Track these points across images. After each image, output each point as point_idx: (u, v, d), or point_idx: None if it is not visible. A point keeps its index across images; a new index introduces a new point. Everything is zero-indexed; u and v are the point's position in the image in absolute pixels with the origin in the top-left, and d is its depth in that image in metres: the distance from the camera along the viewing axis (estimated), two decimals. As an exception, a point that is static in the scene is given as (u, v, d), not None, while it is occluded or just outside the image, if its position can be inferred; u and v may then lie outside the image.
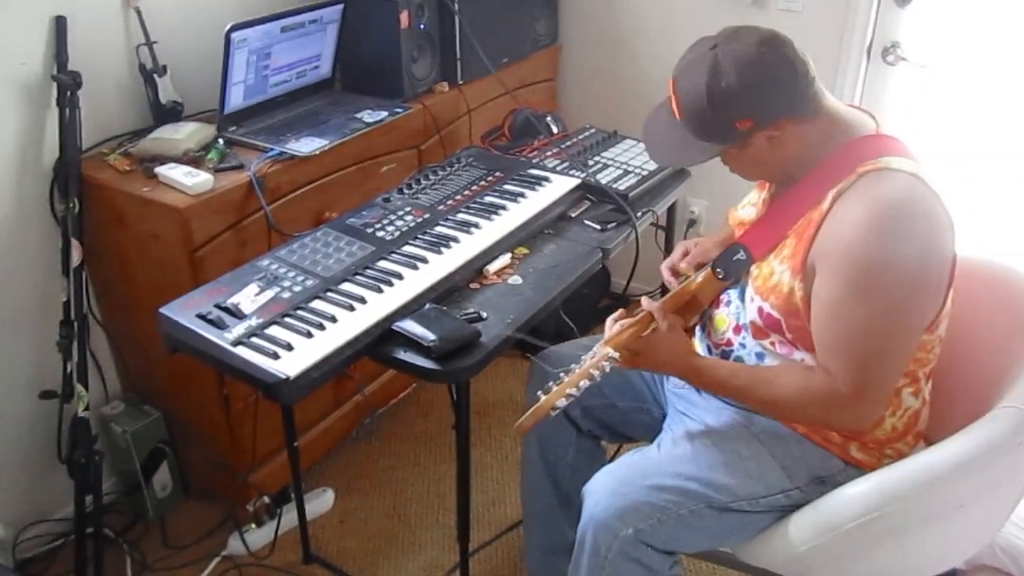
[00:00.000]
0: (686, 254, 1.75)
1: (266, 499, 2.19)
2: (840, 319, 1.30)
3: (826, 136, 1.36)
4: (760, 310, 1.41)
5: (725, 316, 1.52)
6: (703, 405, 1.55)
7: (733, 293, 1.52)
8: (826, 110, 1.36)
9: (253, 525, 2.18)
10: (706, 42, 1.36)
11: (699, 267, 1.70)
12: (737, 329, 1.50)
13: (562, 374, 1.42)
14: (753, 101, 1.31)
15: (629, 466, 1.50)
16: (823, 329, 1.33)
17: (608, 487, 1.46)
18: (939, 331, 1.39)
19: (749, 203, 1.62)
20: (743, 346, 1.49)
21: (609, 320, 1.50)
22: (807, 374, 1.36)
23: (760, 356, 1.47)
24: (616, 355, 1.41)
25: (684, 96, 1.37)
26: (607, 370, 1.41)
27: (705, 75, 1.31)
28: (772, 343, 1.44)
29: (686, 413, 1.57)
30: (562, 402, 1.40)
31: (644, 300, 1.48)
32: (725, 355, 1.52)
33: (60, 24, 1.88)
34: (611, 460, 1.92)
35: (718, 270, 1.49)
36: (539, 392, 1.43)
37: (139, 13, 2.02)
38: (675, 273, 1.73)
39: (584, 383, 1.39)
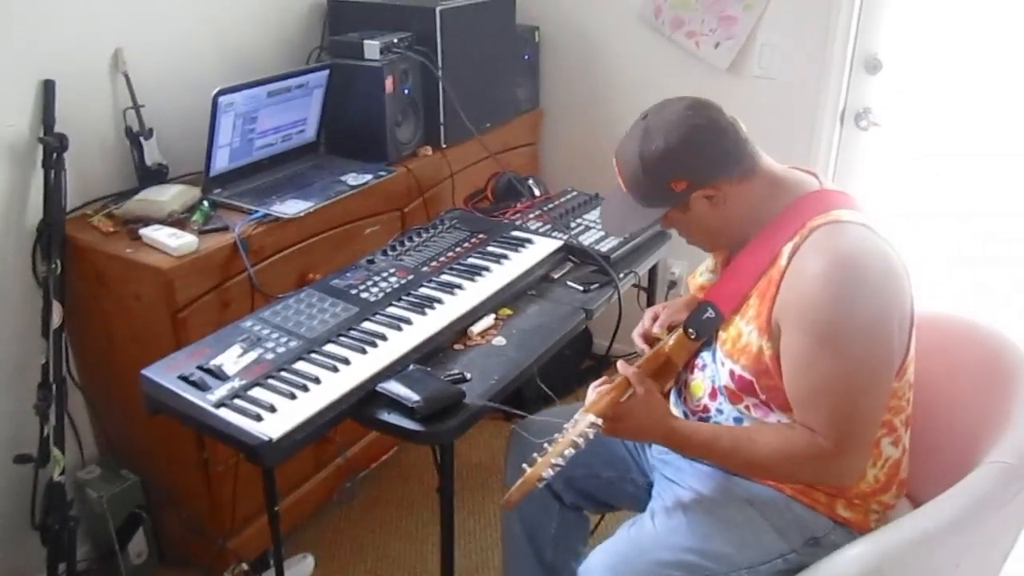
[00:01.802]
0: (656, 319, 1.73)
1: (244, 566, 2.14)
2: (812, 373, 1.31)
3: (768, 196, 1.40)
4: (732, 372, 1.41)
5: (700, 382, 1.51)
6: (689, 470, 1.54)
7: (707, 356, 1.51)
8: (764, 170, 1.40)
9: (230, 593, 2.13)
10: (640, 116, 1.44)
11: (671, 329, 1.69)
12: (713, 394, 1.49)
13: (546, 444, 1.38)
14: (682, 160, 1.36)
15: (626, 542, 1.47)
16: (796, 385, 1.33)
17: (607, 566, 1.43)
18: (907, 376, 1.41)
19: (707, 270, 1.63)
20: (720, 412, 1.48)
21: (591, 387, 1.50)
22: (788, 432, 1.36)
23: (738, 420, 1.46)
24: (599, 421, 1.38)
25: (623, 167, 1.44)
26: (591, 436, 1.37)
27: (637, 143, 1.39)
28: (747, 406, 1.43)
29: (673, 480, 1.56)
30: (548, 472, 1.34)
31: (620, 364, 1.47)
32: (703, 421, 1.51)
33: (48, 87, 1.90)
34: (594, 528, 1.89)
35: (690, 330, 1.49)
36: (523, 464, 1.39)
37: (127, 77, 2.05)
38: (647, 339, 1.71)
39: (569, 451, 1.35)
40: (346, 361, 1.52)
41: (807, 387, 1.32)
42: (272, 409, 1.38)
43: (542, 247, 1.99)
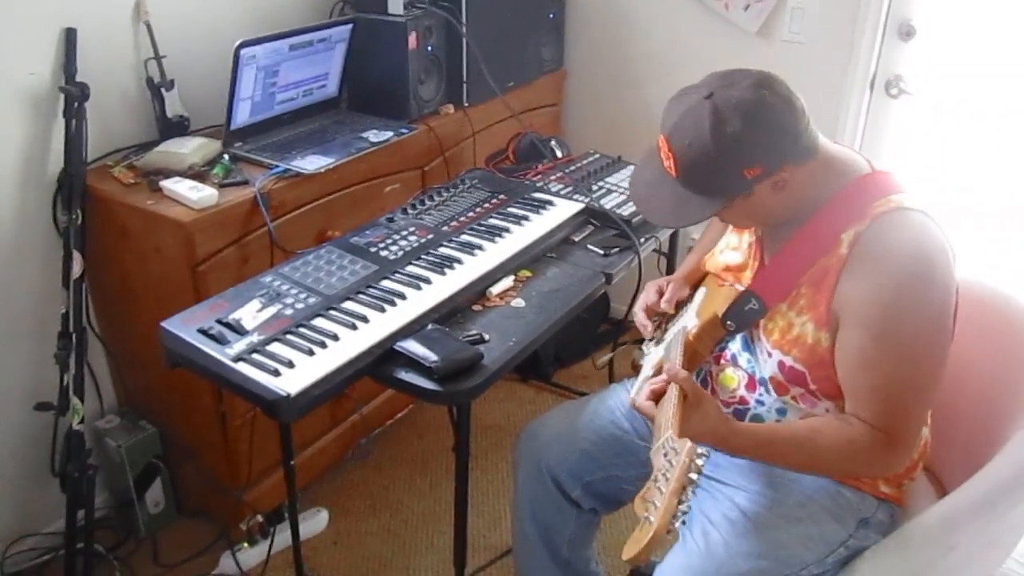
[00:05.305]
0: (661, 293, 1.68)
1: (260, 518, 2.17)
2: (874, 368, 1.26)
3: (823, 177, 1.33)
4: (782, 364, 1.36)
5: (733, 374, 1.46)
6: (726, 464, 1.47)
7: (735, 347, 1.46)
8: (822, 149, 1.33)
9: (246, 544, 2.16)
10: (694, 92, 1.30)
11: (678, 305, 1.65)
12: (751, 385, 1.43)
13: (663, 477, 1.09)
14: (762, 146, 1.25)
15: (699, 557, 1.38)
16: (855, 379, 1.29)
17: None
18: None
19: (729, 248, 1.56)
20: (761, 403, 1.43)
21: (647, 383, 1.31)
22: (846, 428, 1.29)
23: (781, 412, 1.41)
24: (704, 450, 1.10)
25: (684, 150, 1.29)
26: (702, 464, 1.09)
27: (707, 124, 1.25)
28: (793, 397, 1.39)
29: (716, 477, 1.49)
30: (677, 523, 1.04)
31: (671, 370, 1.29)
32: (739, 414, 1.45)
33: (70, 36, 1.89)
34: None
35: (729, 322, 1.41)
36: (646, 516, 1.06)
37: (149, 27, 2.03)
38: (652, 313, 1.67)
39: (691, 490, 1.07)
40: (365, 319, 1.51)
41: (867, 382, 1.28)
42: (290, 364, 1.38)
43: (563, 209, 1.97)
